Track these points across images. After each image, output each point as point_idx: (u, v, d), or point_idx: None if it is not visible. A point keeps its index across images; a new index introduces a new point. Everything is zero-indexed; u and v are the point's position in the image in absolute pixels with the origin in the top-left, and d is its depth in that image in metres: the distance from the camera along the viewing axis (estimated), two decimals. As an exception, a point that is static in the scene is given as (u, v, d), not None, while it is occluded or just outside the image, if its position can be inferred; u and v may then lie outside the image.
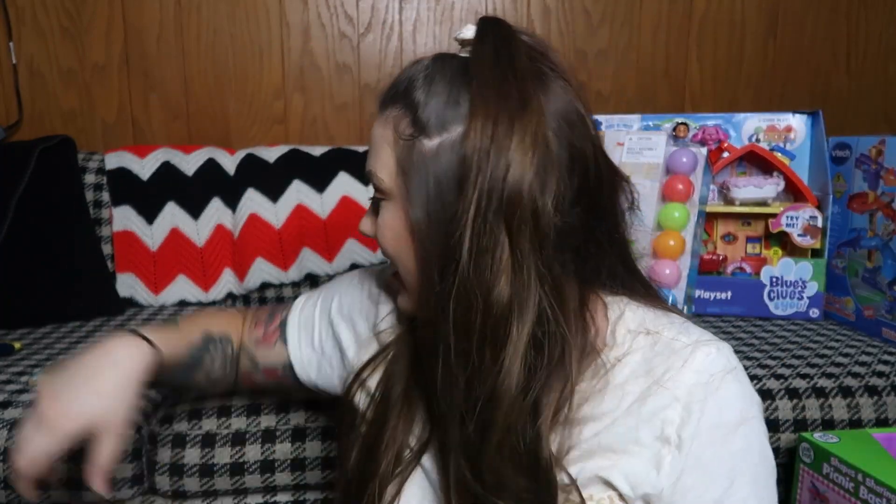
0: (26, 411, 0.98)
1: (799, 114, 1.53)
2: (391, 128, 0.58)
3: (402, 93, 0.58)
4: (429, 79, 0.57)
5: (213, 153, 1.64)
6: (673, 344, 0.56)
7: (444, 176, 0.54)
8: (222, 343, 0.81)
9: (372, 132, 0.61)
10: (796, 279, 1.43)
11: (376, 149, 0.60)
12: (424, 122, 0.55)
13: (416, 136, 0.55)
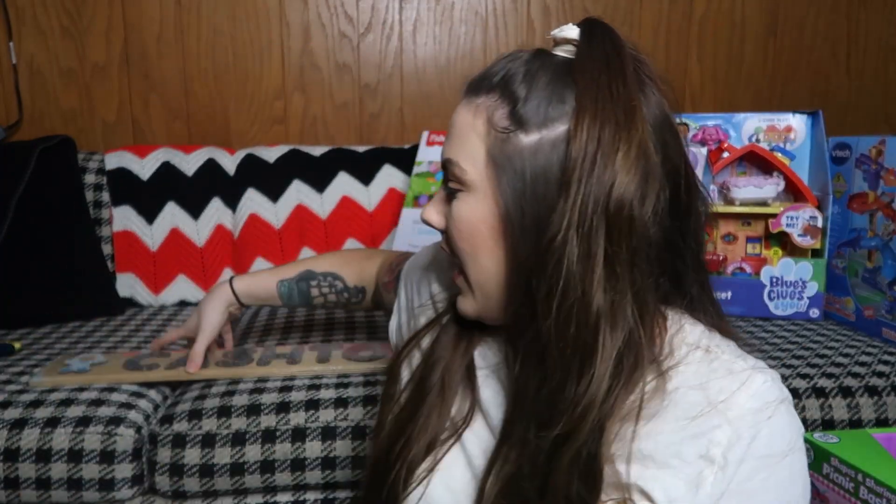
0: (26, 411, 0.98)
1: (799, 114, 1.53)
2: (483, 118, 0.57)
3: (498, 84, 0.57)
4: (530, 74, 0.56)
5: (213, 153, 1.64)
6: (731, 366, 0.55)
7: (542, 173, 0.53)
8: (327, 278, 1.04)
9: (455, 119, 0.59)
10: (796, 279, 1.43)
11: (461, 137, 0.58)
12: (524, 116, 0.54)
13: (513, 130, 0.55)
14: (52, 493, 0.95)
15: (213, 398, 1.03)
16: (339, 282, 1.05)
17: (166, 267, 1.55)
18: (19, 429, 0.96)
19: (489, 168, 0.56)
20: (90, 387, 1.05)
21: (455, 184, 0.58)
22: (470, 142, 0.57)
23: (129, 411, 0.99)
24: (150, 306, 1.54)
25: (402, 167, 1.66)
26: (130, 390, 1.05)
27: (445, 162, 0.59)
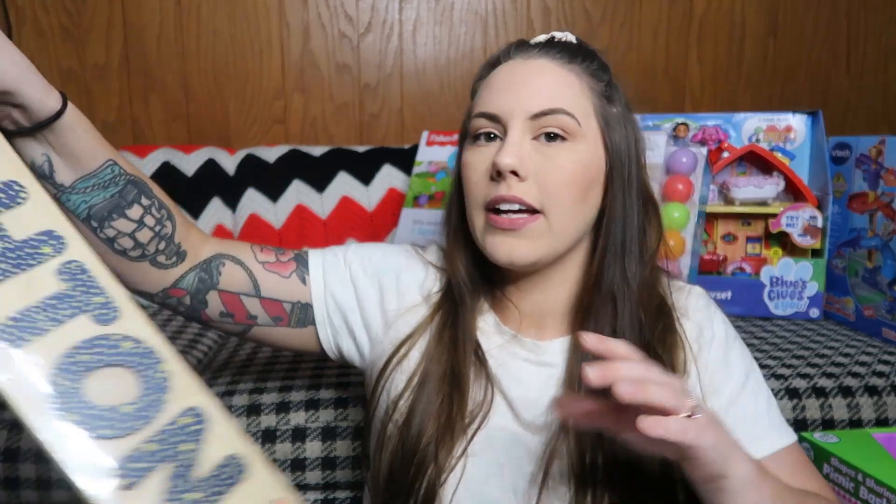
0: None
1: (799, 114, 1.53)
2: (585, 81, 0.66)
3: (590, 56, 0.68)
4: (598, 56, 0.70)
5: (213, 153, 1.64)
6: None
7: (625, 138, 0.67)
8: (161, 209, 0.64)
9: (542, 74, 0.65)
10: (796, 279, 1.43)
11: (559, 91, 0.64)
12: (613, 91, 0.68)
13: (611, 99, 0.67)
14: (52, 493, 0.95)
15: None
16: (168, 223, 0.65)
17: (166, 267, 1.55)
18: (19, 429, 0.96)
19: (599, 123, 0.66)
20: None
21: (560, 131, 0.63)
22: (574, 96, 0.64)
23: (129, 411, 0.99)
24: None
25: (402, 167, 1.66)
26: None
27: (545, 111, 0.63)
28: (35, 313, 0.41)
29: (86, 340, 0.42)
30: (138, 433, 0.41)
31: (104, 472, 0.41)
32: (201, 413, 0.44)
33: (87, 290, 0.43)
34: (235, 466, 0.43)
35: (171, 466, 0.41)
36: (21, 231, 0.41)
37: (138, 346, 0.44)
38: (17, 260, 0.41)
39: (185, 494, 0.41)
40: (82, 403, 0.40)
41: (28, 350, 0.40)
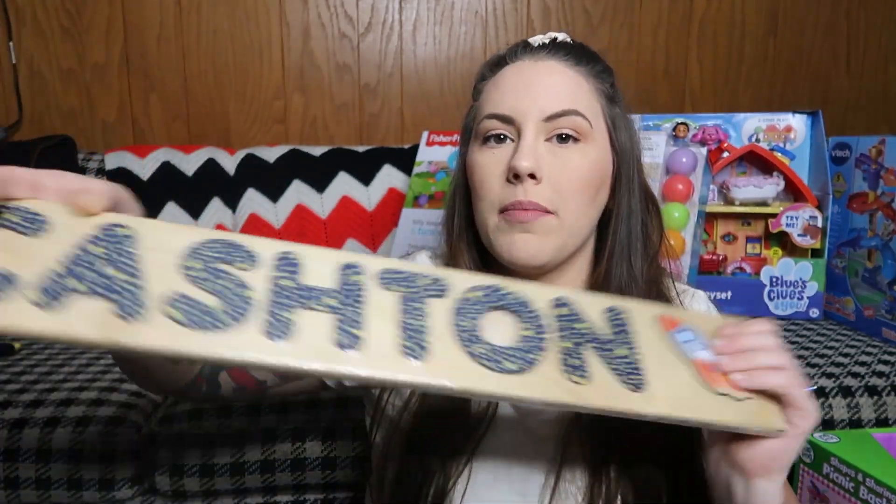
0: (26, 411, 0.98)
1: (799, 114, 1.53)
2: (592, 83, 0.66)
3: (595, 59, 0.68)
4: (601, 59, 0.70)
5: (213, 153, 1.64)
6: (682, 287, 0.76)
7: (629, 137, 0.68)
8: None
9: (553, 76, 0.65)
10: (796, 279, 1.43)
11: (570, 92, 0.64)
12: (616, 92, 0.68)
13: (615, 100, 0.68)
14: (52, 493, 0.95)
15: (213, 398, 1.03)
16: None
17: (166, 267, 1.55)
18: (19, 429, 0.96)
19: (607, 124, 0.67)
20: (90, 386, 1.05)
21: (573, 133, 0.64)
22: (585, 99, 0.65)
23: (130, 411, 0.99)
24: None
25: (402, 167, 1.66)
26: (131, 390, 1.05)
27: (560, 113, 0.63)
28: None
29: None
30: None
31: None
32: (566, 300, 0.52)
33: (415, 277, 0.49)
34: (615, 310, 0.52)
35: (592, 344, 0.50)
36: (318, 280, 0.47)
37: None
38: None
39: (612, 351, 0.50)
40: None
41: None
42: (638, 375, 0.49)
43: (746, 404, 0.50)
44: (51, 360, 1.16)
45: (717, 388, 0.50)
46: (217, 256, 0.44)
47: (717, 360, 0.51)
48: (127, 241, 0.43)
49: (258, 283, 0.44)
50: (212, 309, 0.42)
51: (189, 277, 0.43)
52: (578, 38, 0.71)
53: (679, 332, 0.52)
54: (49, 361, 1.16)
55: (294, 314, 0.43)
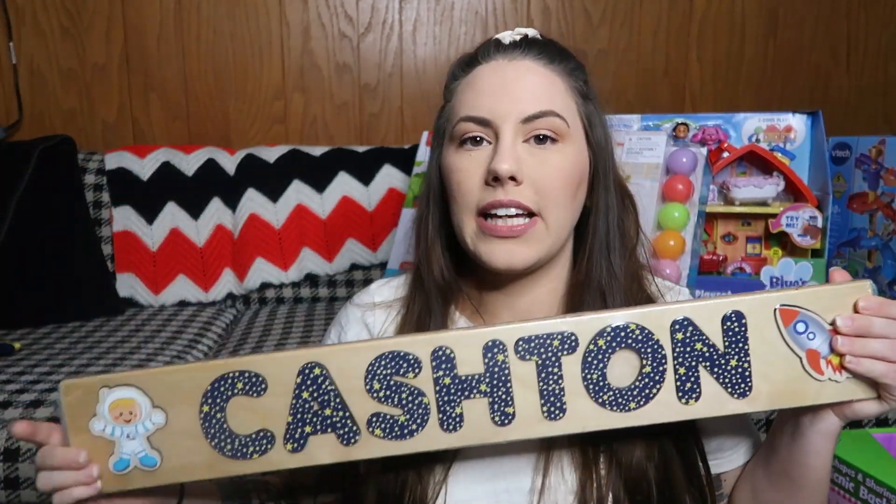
0: (26, 411, 0.98)
1: (799, 114, 1.53)
2: (567, 81, 0.66)
3: (568, 56, 0.67)
4: (573, 56, 0.69)
5: (213, 153, 1.64)
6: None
7: (604, 133, 0.68)
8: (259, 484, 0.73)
9: (529, 76, 0.64)
10: (796, 279, 1.43)
11: (548, 93, 0.64)
12: (589, 89, 0.68)
13: (588, 97, 0.67)
14: (52, 493, 0.95)
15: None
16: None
17: (166, 267, 1.55)
18: (19, 429, 0.96)
19: (582, 122, 0.66)
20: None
21: (551, 133, 0.63)
22: (560, 98, 0.64)
23: (129, 411, 0.99)
24: (150, 306, 1.54)
25: (402, 167, 1.66)
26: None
27: (539, 114, 0.62)
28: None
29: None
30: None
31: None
32: (686, 322, 0.56)
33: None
34: (733, 318, 0.55)
35: (705, 364, 0.55)
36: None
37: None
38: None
39: (724, 364, 0.55)
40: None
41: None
42: (745, 384, 0.55)
43: (845, 384, 0.55)
44: (51, 360, 1.16)
45: (822, 375, 0.55)
46: (390, 373, 0.55)
47: (830, 342, 0.55)
48: (325, 381, 0.55)
49: (427, 388, 0.55)
50: (402, 422, 0.55)
51: (376, 398, 0.55)
52: (578, 38, 0.71)
53: (797, 323, 0.55)
54: (49, 361, 1.16)
55: (459, 408, 0.55)
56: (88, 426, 0.54)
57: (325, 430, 0.55)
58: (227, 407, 0.54)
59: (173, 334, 1.33)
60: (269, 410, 0.54)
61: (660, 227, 1.32)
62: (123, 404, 0.54)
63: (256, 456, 0.55)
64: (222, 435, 0.54)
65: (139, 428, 0.54)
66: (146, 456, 0.55)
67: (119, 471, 0.54)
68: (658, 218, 1.32)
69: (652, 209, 1.32)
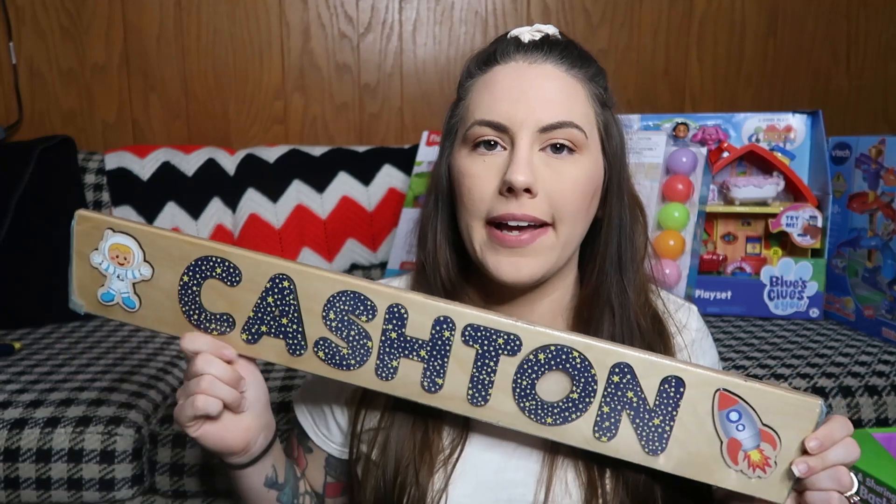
0: (26, 411, 0.98)
1: (799, 114, 1.53)
2: (588, 88, 0.64)
3: (590, 61, 0.65)
4: (593, 59, 0.67)
5: (213, 153, 1.64)
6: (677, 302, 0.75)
7: (620, 142, 0.66)
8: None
9: (549, 82, 0.62)
10: (796, 279, 1.43)
11: (568, 102, 0.62)
12: (608, 95, 0.66)
13: (607, 104, 0.66)
14: (52, 493, 0.95)
15: (213, 398, 1.03)
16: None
17: (166, 267, 1.55)
18: (19, 429, 0.96)
19: (599, 132, 0.65)
20: (90, 386, 1.05)
21: (569, 144, 0.61)
22: (580, 107, 0.63)
23: (129, 411, 0.99)
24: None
25: (402, 167, 1.66)
26: (130, 390, 1.05)
27: (557, 124, 0.60)
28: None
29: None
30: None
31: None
32: (626, 369, 0.57)
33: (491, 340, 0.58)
34: (672, 382, 0.56)
35: (629, 412, 0.57)
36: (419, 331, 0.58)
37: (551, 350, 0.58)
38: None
39: (647, 419, 0.57)
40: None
41: None
42: (660, 443, 0.57)
43: (754, 482, 0.57)
44: (51, 360, 1.16)
45: (735, 465, 0.57)
46: (347, 309, 0.58)
47: (756, 440, 0.56)
48: (290, 295, 0.59)
49: (375, 334, 0.58)
50: (344, 354, 0.59)
51: (329, 326, 0.59)
52: (578, 38, 0.68)
53: (731, 411, 0.56)
54: (49, 361, 1.16)
55: (396, 361, 0.59)
56: (89, 256, 0.63)
57: (277, 335, 0.60)
58: (203, 284, 0.60)
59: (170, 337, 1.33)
60: (236, 300, 0.59)
61: (660, 227, 1.32)
62: (121, 249, 0.61)
63: (216, 333, 0.60)
64: (193, 305, 0.60)
65: (129, 273, 0.61)
66: (128, 298, 0.62)
67: (104, 301, 0.63)
68: (658, 218, 1.32)
69: (652, 209, 1.32)
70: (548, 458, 0.62)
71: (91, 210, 0.65)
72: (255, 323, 0.60)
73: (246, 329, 0.60)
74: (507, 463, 0.63)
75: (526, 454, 0.63)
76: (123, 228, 0.61)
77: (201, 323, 0.60)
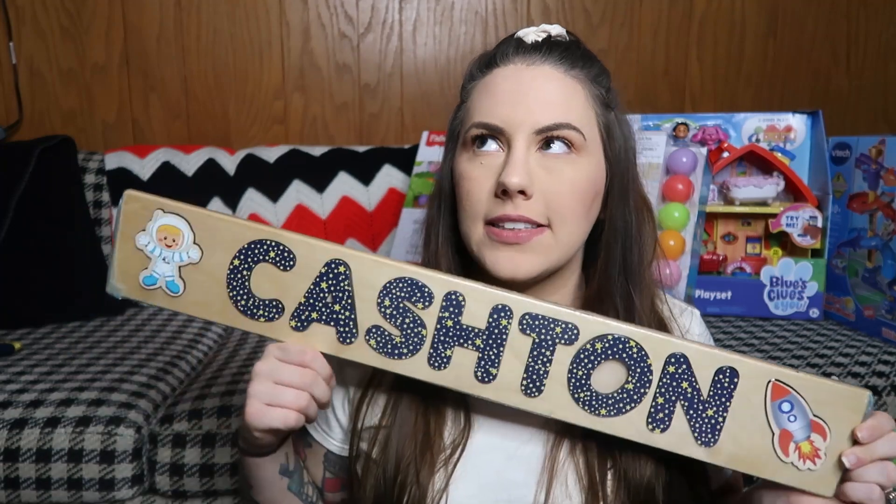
0: (26, 411, 0.98)
1: (799, 114, 1.53)
2: (588, 88, 0.63)
3: (592, 61, 0.65)
4: (596, 59, 0.66)
5: (213, 153, 1.64)
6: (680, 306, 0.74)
7: (625, 142, 0.65)
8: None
9: (547, 84, 0.61)
10: (796, 279, 1.43)
11: (566, 102, 0.61)
12: (611, 95, 0.65)
13: (610, 105, 0.65)
14: (52, 493, 0.95)
15: (213, 398, 1.03)
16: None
17: (166, 267, 1.55)
18: (19, 429, 0.96)
19: (600, 133, 0.64)
20: (90, 386, 1.05)
21: (566, 146, 0.61)
22: (578, 108, 0.62)
23: (129, 411, 0.99)
24: (150, 306, 1.54)
25: (402, 167, 1.66)
26: (131, 390, 1.05)
27: (554, 126, 0.60)
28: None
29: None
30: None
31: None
32: (682, 359, 0.57)
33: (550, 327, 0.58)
34: (727, 373, 0.56)
35: (683, 403, 0.57)
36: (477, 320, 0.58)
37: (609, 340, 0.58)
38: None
39: (700, 410, 0.57)
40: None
41: None
42: (713, 435, 0.57)
43: (804, 474, 0.57)
44: (51, 360, 1.16)
45: (787, 457, 0.57)
46: (403, 296, 0.58)
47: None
48: (344, 281, 0.58)
49: (430, 322, 0.58)
50: (397, 342, 0.58)
51: (383, 313, 0.58)
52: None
53: (784, 401, 0.57)
54: (49, 361, 1.16)
55: (450, 351, 0.58)
56: (135, 237, 0.60)
57: (328, 322, 0.58)
58: (254, 268, 0.58)
59: (173, 334, 1.33)
60: (288, 286, 0.58)
61: (660, 227, 1.32)
62: (170, 230, 0.59)
63: (263, 320, 0.59)
64: (241, 290, 0.58)
65: (176, 256, 0.59)
66: (172, 282, 0.59)
67: (147, 285, 0.60)
68: (658, 218, 1.32)
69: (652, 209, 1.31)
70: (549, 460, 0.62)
71: (140, 191, 0.62)
72: (306, 309, 0.58)
73: (295, 316, 0.58)
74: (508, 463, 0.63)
75: (527, 455, 0.63)
76: (175, 209, 0.59)
77: (248, 309, 0.58)
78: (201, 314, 0.60)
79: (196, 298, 0.59)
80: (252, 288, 0.58)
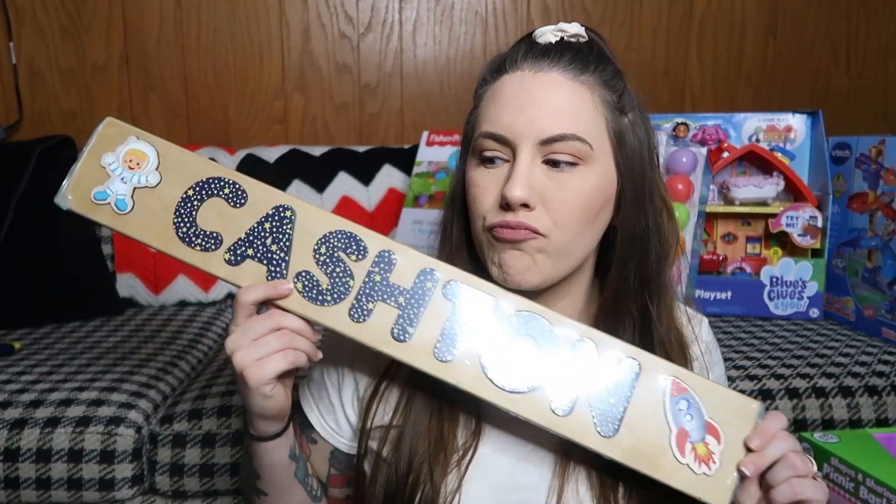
0: (26, 411, 0.98)
1: (799, 114, 1.53)
2: (598, 93, 0.62)
3: (605, 64, 0.64)
4: (611, 58, 0.66)
5: (213, 153, 1.63)
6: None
7: (638, 149, 0.63)
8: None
9: (553, 92, 0.60)
10: (796, 279, 1.43)
11: (573, 111, 0.60)
12: (624, 99, 0.63)
13: (623, 110, 0.63)
14: (52, 493, 0.95)
15: (213, 398, 1.03)
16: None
17: (166, 267, 1.55)
18: (19, 429, 0.96)
19: (611, 141, 0.62)
20: (90, 386, 1.05)
21: (570, 157, 0.60)
22: (585, 116, 0.61)
23: (129, 411, 0.99)
24: (149, 306, 1.54)
25: (402, 167, 1.66)
26: (131, 390, 1.05)
27: (558, 136, 0.59)
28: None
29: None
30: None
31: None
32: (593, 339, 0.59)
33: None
34: (633, 364, 0.58)
35: (587, 389, 0.58)
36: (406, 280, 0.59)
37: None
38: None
39: (605, 398, 0.58)
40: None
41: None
42: (613, 425, 0.57)
43: (700, 478, 0.57)
44: (51, 360, 1.16)
45: (683, 458, 0.57)
46: (339, 247, 0.60)
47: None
48: (287, 224, 0.60)
49: (359, 274, 0.59)
50: (323, 289, 0.59)
51: (316, 260, 0.60)
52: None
53: (682, 399, 0.58)
54: (49, 361, 1.16)
55: (372, 304, 0.59)
56: (101, 156, 0.61)
57: (261, 260, 0.60)
58: (206, 201, 0.61)
59: (173, 334, 1.33)
60: (232, 222, 0.60)
61: (660, 227, 1.32)
62: (137, 154, 0.61)
63: (198, 249, 0.60)
64: (187, 219, 0.60)
65: (135, 178, 0.61)
66: (122, 200, 0.61)
67: (96, 199, 0.61)
68: (658, 218, 1.32)
69: (652, 209, 1.31)
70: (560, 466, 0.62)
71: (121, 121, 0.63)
72: (243, 245, 0.60)
73: (231, 250, 0.60)
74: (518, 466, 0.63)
75: (538, 459, 0.63)
76: (148, 140, 0.62)
77: (187, 237, 0.60)
78: (138, 236, 0.61)
79: (140, 220, 0.61)
80: (197, 218, 0.60)
